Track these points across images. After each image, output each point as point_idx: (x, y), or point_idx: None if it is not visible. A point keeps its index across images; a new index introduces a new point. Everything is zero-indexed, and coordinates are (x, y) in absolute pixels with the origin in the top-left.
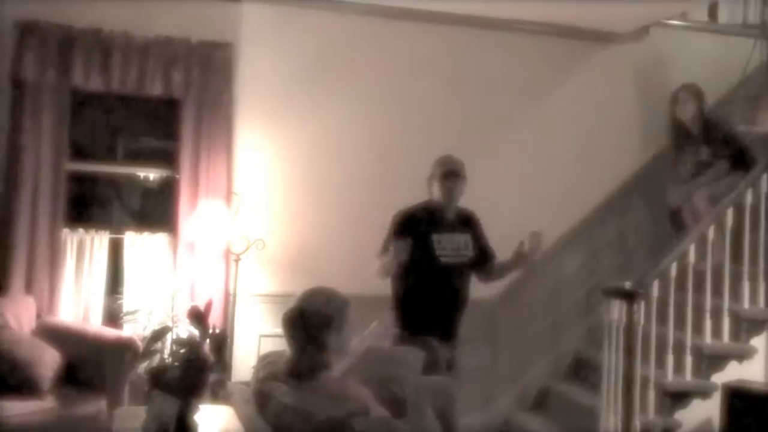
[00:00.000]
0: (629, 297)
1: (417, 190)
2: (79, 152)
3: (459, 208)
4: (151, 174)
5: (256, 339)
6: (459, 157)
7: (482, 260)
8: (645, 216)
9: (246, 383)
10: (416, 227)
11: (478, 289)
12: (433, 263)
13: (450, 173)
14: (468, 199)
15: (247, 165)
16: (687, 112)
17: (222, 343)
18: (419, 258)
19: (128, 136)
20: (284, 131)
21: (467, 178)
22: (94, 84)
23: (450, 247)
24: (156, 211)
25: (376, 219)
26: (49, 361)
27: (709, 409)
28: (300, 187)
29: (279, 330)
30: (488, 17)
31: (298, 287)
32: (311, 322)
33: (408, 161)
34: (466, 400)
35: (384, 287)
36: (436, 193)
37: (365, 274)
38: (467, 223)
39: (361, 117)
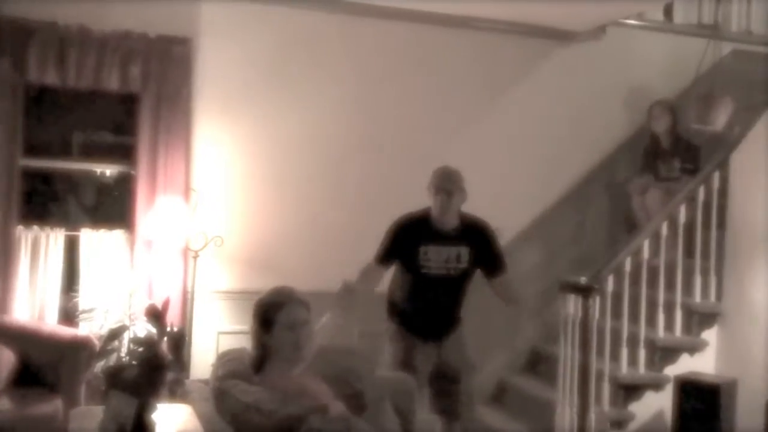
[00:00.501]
0: (585, 292)
1: (377, 187)
2: (34, 148)
3: (466, 218)
4: (107, 170)
5: (215, 336)
6: (455, 169)
7: (488, 271)
8: (602, 212)
9: (204, 381)
10: (406, 237)
11: None
12: (417, 273)
13: (439, 189)
14: (426, 195)
15: (206, 161)
16: (660, 126)
17: (180, 342)
18: (406, 267)
19: (84, 132)
20: (244, 127)
21: (465, 191)
22: (50, 78)
23: (436, 258)
24: (113, 207)
25: (335, 215)
26: (2, 361)
27: (661, 400)
28: (259, 184)
29: (238, 327)
30: (451, 15)
31: (257, 284)
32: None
33: (369, 158)
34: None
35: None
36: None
37: (324, 271)
38: (470, 234)
39: (322, 113)
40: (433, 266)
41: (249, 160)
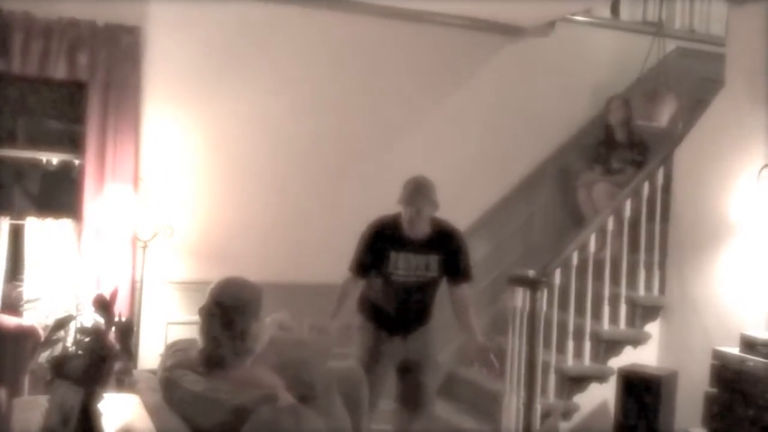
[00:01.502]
0: (532, 285)
1: (326, 177)
2: None
3: (438, 225)
4: (54, 158)
5: (164, 327)
6: (427, 180)
7: (451, 278)
8: (552, 204)
9: (152, 371)
10: (378, 243)
11: None
12: (386, 279)
13: (409, 203)
14: (375, 186)
15: (155, 150)
16: (616, 118)
17: (128, 332)
18: (377, 271)
19: (30, 119)
20: (193, 116)
21: (436, 203)
22: None
23: (405, 266)
24: (60, 196)
25: (285, 205)
26: None
27: (605, 392)
28: (209, 173)
29: (188, 317)
30: (401, 9)
31: (206, 274)
32: (228, 313)
33: (318, 147)
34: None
35: (292, 275)
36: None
37: (275, 261)
38: (440, 242)
39: (271, 102)
40: (402, 273)
41: (198, 149)
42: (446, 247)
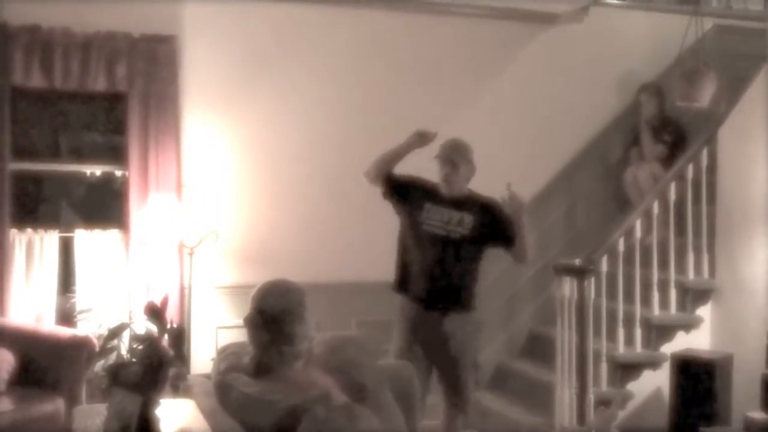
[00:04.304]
0: (579, 273)
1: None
2: (23, 151)
3: (475, 194)
4: (97, 170)
5: (213, 331)
6: (464, 142)
7: (504, 245)
8: (592, 192)
9: (206, 376)
10: (416, 190)
11: None
12: (418, 229)
13: (445, 160)
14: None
15: (197, 157)
16: (648, 109)
17: (180, 337)
18: (409, 222)
19: (72, 133)
20: (233, 121)
21: (472, 164)
22: (36, 81)
23: (438, 218)
24: (106, 207)
25: (329, 206)
26: (2, 363)
27: (659, 379)
28: (251, 177)
29: (236, 321)
30: (432, 1)
31: (253, 278)
32: (272, 320)
33: (357, 148)
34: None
35: (337, 274)
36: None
37: (319, 261)
38: (477, 207)
39: (310, 105)
40: (433, 224)
41: (240, 154)
42: (483, 212)
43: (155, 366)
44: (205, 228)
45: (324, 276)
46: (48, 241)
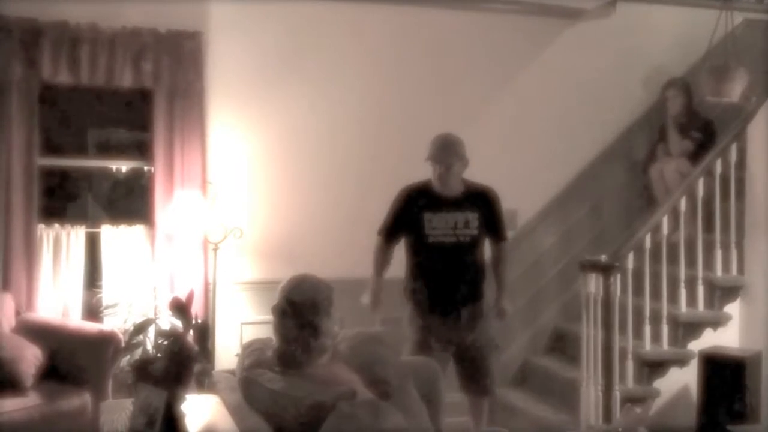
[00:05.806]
0: (605, 270)
1: (394, 174)
2: (51, 147)
3: (470, 184)
4: (123, 166)
5: (238, 327)
6: (455, 137)
7: (492, 238)
8: (618, 189)
9: (231, 371)
10: (409, 206)
11: None
12: (424, 245)
13: (437, 161)
14: None
15: (222, 153)
16: (675, 106)
17: (205, 333)
18: (414, 240)
19: (99, 129)
20: (258, 118)
21: (465, 158)
22: (63, 77)
23: (442, 226)
24: (132, 203)
25: (353, 202)
26: (30, 357)
27: (686, 376)
28: (276, 174)
29: (261, 317)
30: None
31: (277, 274)
32: (301, 310)
33: (384, 143)
34: (450, 380)
35: (361, 271)
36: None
37: (344, 257)
38: (476, 200)
39: (335, 101)
40: (440, 234)
41: (265, 150)
42: (483, 205)
43: (180, 361)
44: (229, 224)
45: (348, 273)
46: (75, 236)
